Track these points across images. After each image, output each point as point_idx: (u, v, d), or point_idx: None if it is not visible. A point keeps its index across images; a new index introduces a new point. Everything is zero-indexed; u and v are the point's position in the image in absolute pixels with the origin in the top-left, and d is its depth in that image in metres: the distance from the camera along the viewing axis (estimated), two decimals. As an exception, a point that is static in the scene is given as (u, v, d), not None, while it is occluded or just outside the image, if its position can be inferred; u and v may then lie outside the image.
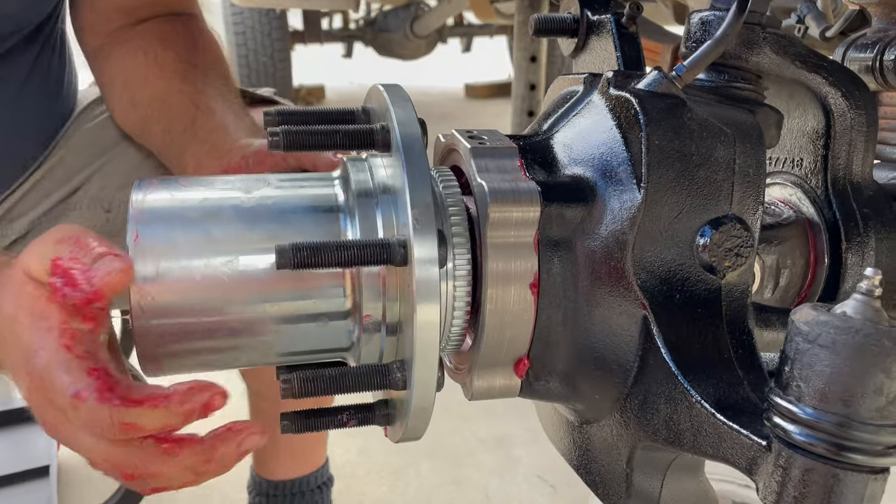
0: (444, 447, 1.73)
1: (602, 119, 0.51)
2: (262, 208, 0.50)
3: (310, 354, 0.54)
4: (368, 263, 0.46)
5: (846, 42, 0.65)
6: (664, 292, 0.48)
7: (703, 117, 0.49)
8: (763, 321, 0.53)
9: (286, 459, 1.28)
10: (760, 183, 0.49)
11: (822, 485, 0.37)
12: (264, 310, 0.50)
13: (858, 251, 0.57)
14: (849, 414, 0.36)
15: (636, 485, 0.52)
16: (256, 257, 0.49)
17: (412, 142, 0.47)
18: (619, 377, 0.50)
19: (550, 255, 0.50)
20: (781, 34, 0.55)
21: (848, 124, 0.57)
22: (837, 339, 0.36)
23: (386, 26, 5.65)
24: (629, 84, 0.51)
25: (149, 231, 0.48)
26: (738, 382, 0.46)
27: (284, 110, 0.53)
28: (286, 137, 0.49)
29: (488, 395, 0.54)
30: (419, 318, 0.45)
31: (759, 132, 0.50)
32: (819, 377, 0.36)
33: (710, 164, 0.48)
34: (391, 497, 1.58)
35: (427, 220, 0.45)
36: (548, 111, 0.59)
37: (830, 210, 0.58)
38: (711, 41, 0.50)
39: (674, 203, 0.48)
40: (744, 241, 0.48)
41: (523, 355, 0.52)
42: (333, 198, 0.52)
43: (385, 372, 0.50)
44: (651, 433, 0.49)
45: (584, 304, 0.50)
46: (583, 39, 0.62)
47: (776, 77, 0.57)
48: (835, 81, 0.56)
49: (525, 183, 0.50)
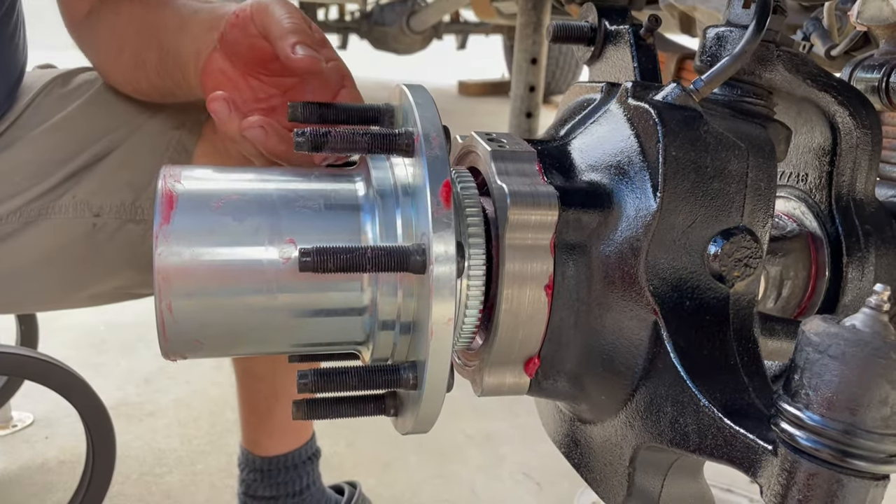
0: (433, 442, 1.75)
1: (620, 128, 0.52)
2: (286, 202, 0.51)
3: (324, 346, 0.55)
4: (389, 270, 0.47)
5: (853, 62, 0.67)
6: (675, 299, 0.50)
7: (719, 130, 0.51)
8: (768, 330, 0.55)
9: (277, 436, 1.30)
10: (771, 196, 0.51)
11: (825, 489, 0.39)
12: (283, 301, 0.51)
13: (859, 266, 0.59)
14: (854, 422, 0.38)
15: (637, 484, 0.54)
16: (279, 251, 0.50)
17: (436, 149, 0.48)
18: (626, 379, 0.51)
19: (566, 258, 0.51)
20: (794, 52, 0.57)
21: (854, 142, 0.59)
22: (847, 350, 0.37)
23: (382, 20, 5.65)
24: (647, 95, 0.52)
25: (175, 217, 0.49)
26: (744, 388, 0.48)
27: (309, 104, 0.54)
28: (312, 139, 0.50)
29: (498, 392, 0.55)
30: (434, 319, 0.46)
31: (772, 147, 0.52)
32: (827, 386, 0.38)
33: (723, 176, 0.50)
34: (379, 489, 1.59)
35: (447, 234, 0.46)
36: (563, 117, 0.61)
37: (833, 225, 0.60)
38: (730, 57, 0.52)
39: (688, 213, 0.49)
40: (753, 252, 0.50)
41: (534, 354, 0.54)
42: (355, 195, 0.53)
43: (398, 371, 0.51)
44: (656, 434, 0.50)
45: (596, 307, 0.52)
46: (599, 48, 0.63)
47: (786, 94, 0.59)
48: (843, 101, 0.58)
49: (544, 187, 0.51)
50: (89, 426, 1.08)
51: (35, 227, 0.97)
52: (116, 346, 2.19)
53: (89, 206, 0.98)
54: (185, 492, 1.59)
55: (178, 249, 0.48)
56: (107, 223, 1.00)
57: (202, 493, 1.58)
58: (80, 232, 0.98)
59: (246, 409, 1.30)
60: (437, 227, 0.46)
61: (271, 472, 1.30)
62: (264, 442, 1.30)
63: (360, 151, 0.50)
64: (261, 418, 1.29)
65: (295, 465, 1.31)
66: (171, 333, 0.50)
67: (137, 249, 1.01)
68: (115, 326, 2.28)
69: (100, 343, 2.21)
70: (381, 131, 0.50)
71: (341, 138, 0.50)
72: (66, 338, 2.21)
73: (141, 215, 0.99)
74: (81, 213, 0.98)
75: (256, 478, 1.30)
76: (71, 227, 0.98)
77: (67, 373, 1.05)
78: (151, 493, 1.58)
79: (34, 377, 1.06)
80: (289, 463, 1.31)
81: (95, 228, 0.99)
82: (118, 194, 0.99)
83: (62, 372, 1.05)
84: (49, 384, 1.05)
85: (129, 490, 1.58)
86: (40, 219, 0.97)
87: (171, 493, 1.59)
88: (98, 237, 0.99)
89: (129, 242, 1.01)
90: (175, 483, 1.62)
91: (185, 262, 0.48)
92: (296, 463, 1.31)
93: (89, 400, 1.07)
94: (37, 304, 1.23)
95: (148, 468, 1.66)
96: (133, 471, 1.64)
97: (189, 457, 1.70)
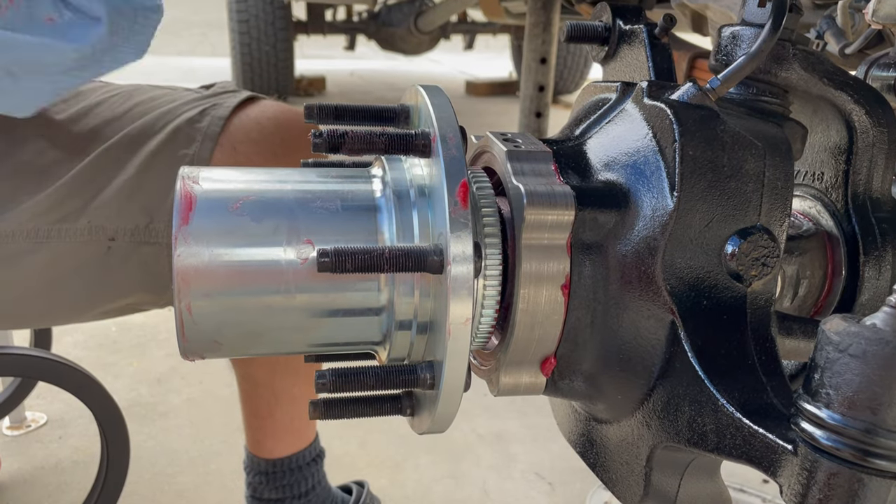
0: (444, 442, 1.75)
1: (636, 127, 0.52)
2: (303, 202, 0.51)
3: (341, 346, 0.55)
4: (406, 270, 0.47)
5: (868, 60, 0.66)
6: (692, 298, 0.50)
7: (736, 130, 0.50)
8: (785, 329, 0.55)
9: (279, 438, 1.31)
10: (788, 195, 0.51)
11: (846, 488, 0.39)
12: (301, 302, 0.51)
13: (875, 265, 0.59)
14: (876, 421, 0.37)
15: (654, 484, 0.54)
16: (296, 251, 0.50)
17: (453, 149, 0.48)
18: (643, 379, 0.51)
19: (582, 257, 0.51)
20: (810, 51, 0.57)
21: (870, 141, 0.58)
22: (868, 349, 0.37)
23: (390, 20, 5.66)
24: (663, 94, 0.52)
25: (194, 218, 0.49)
26: (762, 388, 0.47)
27: (325, 105, 0.54)
28: (329, 140, 0.50)
29: (514, 391, 0.56)
30: (451, 319, 0.46)
31: (788, 146, 0.52)
32: (848, 385, 0.38)
33: (740, 175, 0.50)
34: (390, 490, 1.60)
35: (465, 234, 0.46)
36: (578, 117, 0.61)
37: (849, 224, 0.60)
38: (746, 56, 0.51)
39: (705, 212, 0.49)
40: (770, 251, 0.50)
41: (550, 354, 0.54)
42: (371, 195, 0.53)
43: (415, 370, 0.51)
44: (673, 434, 0.50)
45: (613, 306, 0.52)
46: (613, 48, 0.63)
47: (802, 92, 0.59)
48: (860, 99, 0.57)
49: (560, 187, 0.51)
50: (103, 426, 1.09)
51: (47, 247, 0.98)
52: (128, 347, 2.20)
53: (104, 230, 0.99)
54: (197, 492, 1.60)
55: (197, 250, 0.49)
56: (121, 246, 1.01)
57: (214, 493, 1.59)
58: (95, 255, 0.99)
59: (247, 413, 1.31)
60: (454, 228, 0.46)
61: (276, 474, 1.30)
62: (267, 444, 1.31)
63: (376, 152, 0.50)
64: (262, 421, 1.29)
65: (299, 467, 1.32)
66: (190, 334, 0.50)
67: (151, 271, 1.02)
68: (126, 327, 2.30)
69: (112, 344, 2.22)
70: (398, 132, 0.51)
71: (359, 139, 0.50)
72: (78, 339, 2.22)
73: (155, 238, 1.01)
74: (97, 236, 0.99)
75: (262, 480, 1.31)
76: (86, 251, 0.99)
77: (81, 374, 1.06)
78: (164, 493, 1.59)
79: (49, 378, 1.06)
80: (293, 465, 1.31)
81: (110, 252, 1.00)
82: (133, 218, 1.01)
83: (76, 373, 1.06)
84: (63, 385, 1.06)
85: (141, 490, 1.59)
86: (54, 241, 0.98)
87: (184, 493, 1.60)
88: (112, 260, 1.00)
89: (142, 264, 1.02)
90: (187, 483, 1.62)
91: (204, 263, 0.49)
92: (300, 465, 1.32)
93: (103, 400, 1.08)
94: (48, 320, 1.24)
95: (160, 468, 1.67)
96: (146, 471, 1.65)
97: (201, 457, 1.70)
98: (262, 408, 1.29)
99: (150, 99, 1.12)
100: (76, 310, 1.05)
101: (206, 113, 1.08)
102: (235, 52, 5.40)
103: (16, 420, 1.80)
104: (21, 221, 0.97)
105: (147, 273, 1.02)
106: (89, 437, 1.77)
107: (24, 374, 1.49)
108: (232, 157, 1.06)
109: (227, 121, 1.07)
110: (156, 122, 1.06)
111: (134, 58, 0.98)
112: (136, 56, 0.98)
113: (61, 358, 1.09)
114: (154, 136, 1.04)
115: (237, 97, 1.13)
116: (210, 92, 1.16)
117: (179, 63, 7.48)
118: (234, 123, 1.09)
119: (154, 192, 1.01)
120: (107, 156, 1.01)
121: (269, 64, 5.41)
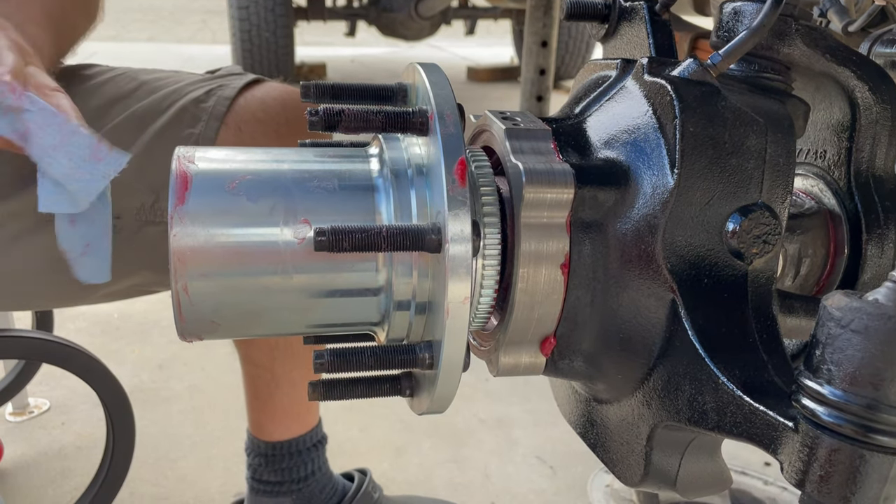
0: (445, 426, 1.75)
1: (636, 104, 0.52)
2: (300, 182, 0.51)
3: (339, 327, 0.55)
4: (404, 249, 0.47)
5: (872, 37, 0.65)
6: (692, 276, 0.49)
7: (737, 106, 0.50)
8: (786, 308, 0.55)
9: (282, 422, 1.31)
10: (790, 172, 0.50)
11: (847, 465, 0.38)
12: (298, 282, 0.51)
13: (878, 243, 0.58)
14: (877, 397, 0.37)
15: (654, 463, 0.53)
16: (293, 231, 0.50)
17: (451, 127, 0.47)
18: (643, 358, 0.51)
19: (582, 236, 0.51)
20: (812, 26, 0.56)
21: (874, 118, 0.58)
22: (870, 324, 0.37)
23: (390, 6, 5.63)
24: (664, 71, 0.52)
25: (190, 198, 0.49)
26: (763, 366, 0.47)
27: (322, 84, 0.54)
28: (326, 118, 0.49)
29: (513, 371, 0.55)
30: (450, 298, 0.46)
31: (790, 122, 0.51)
32: (850, 361, 0.38)
33: (741, 152, 0.49)
34: (392, 473, 1.60)
35: (463, 212, 0.45)
36: (578, 95, 0.60)
37: (852, 202, 0.59)
38: (748, 31, 0.51)
39: (705, 189, 0.49)
40: (772, 228, 0.49)
41: (550, 334, 0.53)
42: (369, 174, 0.53)
43: (413, 350, 0.51)
44: (674, 413, 0.50)
45: (613, 285, 0.51)
46: (614, 25, 0.62)
47: (804, 69, 0.58)
48: (863, 76, 0.57)
49: (559, 165, 0.51)
50: (109, 409, 1.09)
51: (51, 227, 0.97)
52: (130, 333, 2.21)
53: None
54: (200, 476, 1.60)
55: (194, 230, 0.48)
56: (126, 225, 1.01)
57: (217, 477, 1.60)
58: None
59: (249, 394, 1.31)
60: (452, 206, 0.45)
61: (276, 457, 1.31)
62: (267, 427, 1.31)
63: (374, 130, 0.50)
64: (262, 403, 1.30)
65: (298, 452, 1.32)
66: (188, 314, 0.50)
67: (156, 250, 1.01)
68: (128, 314, 2.30)
69: (114, 330, 2.23)
70: (395, 110, 0.50)
71: (355, 117, 0.49)
72: (81, 326, 2.23)
73: (160, 217, 1.01)
74: None
75: (262, 462, 1.31)
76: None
77: (86, 356, 1.06)
78: (167, 478, 1.60)
79: (54, 360, 1.06)
80: (293, 449, 1.31)
81: (115, 230, 0.99)
82: (138, 197, 1.00)
83: (81, 355, 1.05)
84: (70, 368, 1.06)
85: (144, 475, 1.59)
86: (44, 232, 0.96)
87: (187, 477, 1.60)
88: (117, 239, 0.99)
89: (147, 243, 1.01)
90: (190, 468, 1.63)
91: (200, 243, 0.48)
92: (299, 449, 1.32)
93: (109, 383, 1.08)
94: (52, 301, 1.23)
95: (163, 453, 1.67)
96: (149, 455, 1.65)
97: (204, 442, 1.71)
98: (262, 390, 1.29)
99: (155, 79, 1.12)
100: (80, 290, 1.05)
101: (212, 93, 1.08)
102: (235, 39, 5.38)
103: (19, 406, 1.80)
104: (25, 202, 0.96)
105: (152, 252, 1.01)
106: (92, 422, 1.77)
107: (29, 357, 1.49)
108: (237, 137, 1.06)
109: (232, 101, 1.07)
110: (162, 102, 1.06)
111: None
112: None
113: (65, 340, 1.08)
114: (160, 115, 1.04)
115: (243, 79, 1.13)
116: (216, 74, 1.16)
117: (180, 50, 7.46)
118: (240, 104, 1.09)
119: (159, 171, 1.00)
120: (112, 135, 1.01)
121: (269, 51, 5.39)
